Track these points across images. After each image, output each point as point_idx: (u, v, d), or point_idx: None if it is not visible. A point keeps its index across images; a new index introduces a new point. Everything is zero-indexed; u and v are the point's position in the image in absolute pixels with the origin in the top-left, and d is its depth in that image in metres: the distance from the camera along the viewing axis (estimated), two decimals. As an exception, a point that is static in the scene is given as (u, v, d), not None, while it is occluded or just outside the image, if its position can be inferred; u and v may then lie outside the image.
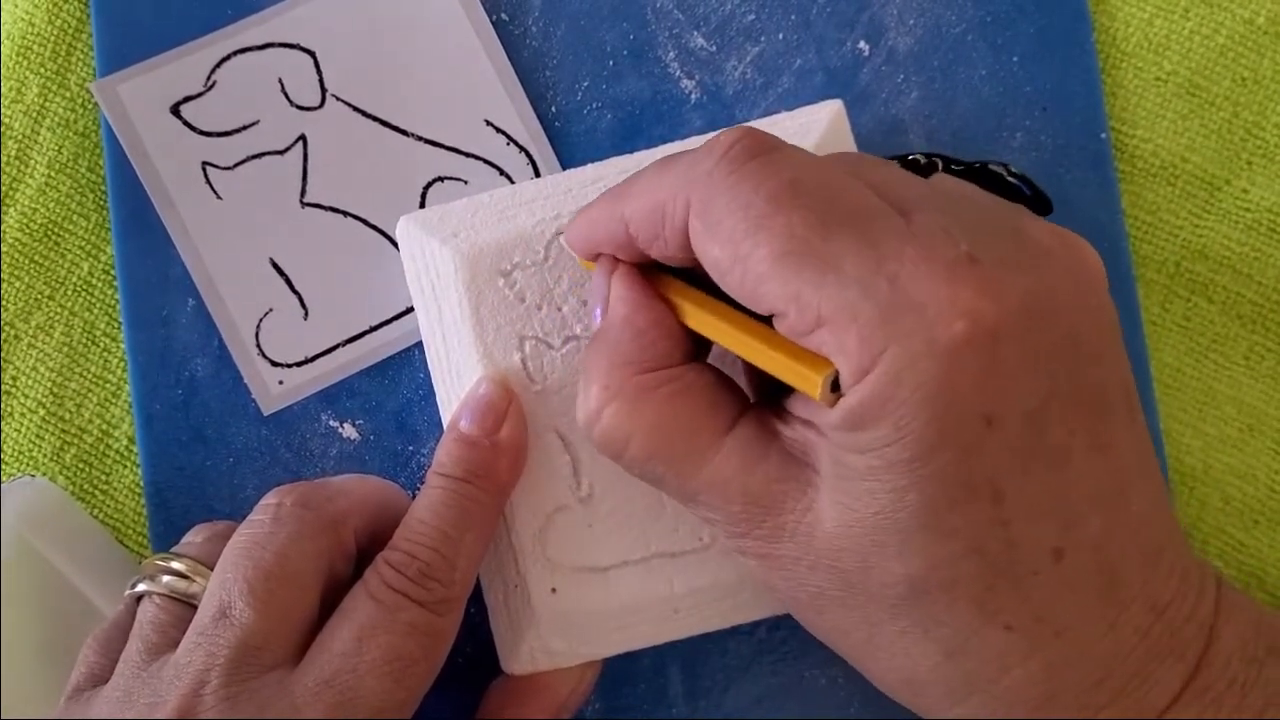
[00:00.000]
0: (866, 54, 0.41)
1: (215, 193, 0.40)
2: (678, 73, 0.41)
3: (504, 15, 0.41)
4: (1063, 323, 0.27)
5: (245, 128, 0.41)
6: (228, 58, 0.41)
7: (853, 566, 0.28)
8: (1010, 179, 0.38)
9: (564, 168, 0.40)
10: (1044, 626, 0.27)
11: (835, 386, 0.26)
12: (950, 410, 0.25)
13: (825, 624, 0.30)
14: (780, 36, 0.41)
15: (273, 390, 0.40)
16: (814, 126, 0.36)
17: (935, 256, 0.26)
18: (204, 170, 0.41)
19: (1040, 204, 0.38)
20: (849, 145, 0.36)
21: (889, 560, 0.27)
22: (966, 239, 0.26)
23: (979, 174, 0.38)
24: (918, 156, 0.39)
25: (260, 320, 0.40)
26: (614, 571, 0.35)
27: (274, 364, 0.40)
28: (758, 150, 0.28)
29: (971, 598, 0.27)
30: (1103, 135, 0.40)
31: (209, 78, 0.41)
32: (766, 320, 0.28)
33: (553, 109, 0.41)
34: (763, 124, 0.36)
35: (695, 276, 0.30)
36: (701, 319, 0.30)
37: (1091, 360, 0.27)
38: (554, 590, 0.35)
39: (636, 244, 0.31)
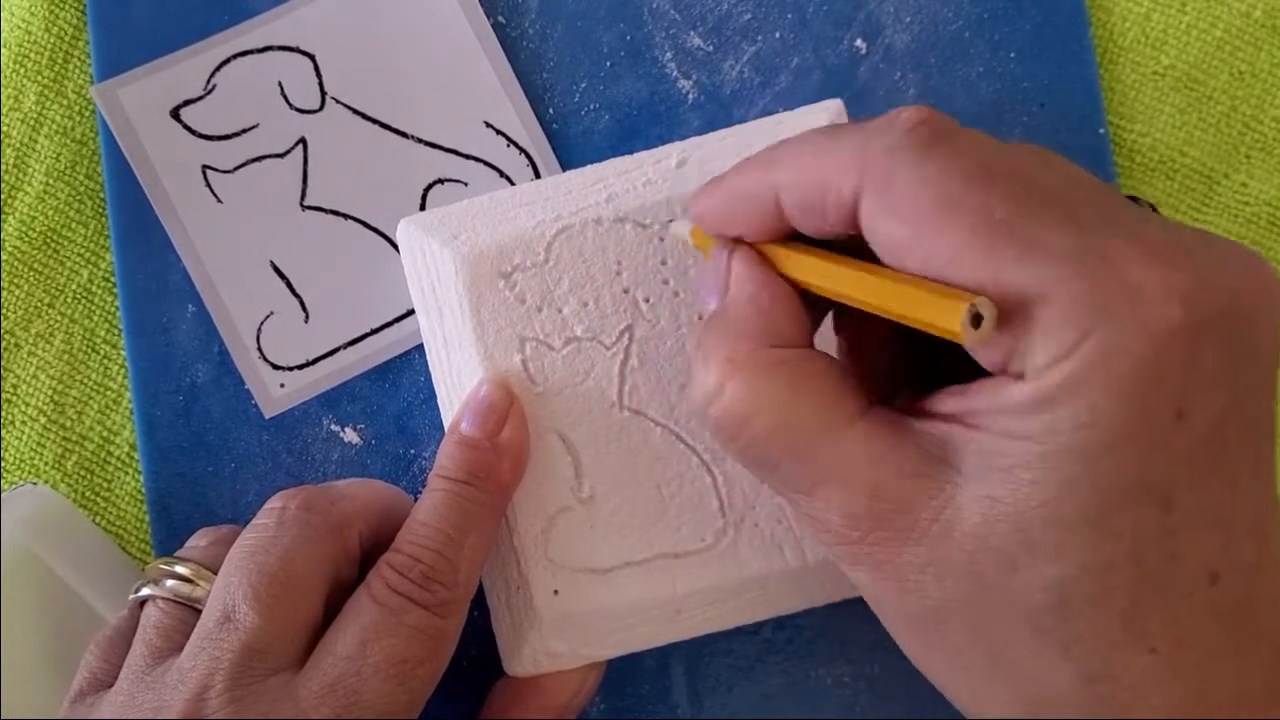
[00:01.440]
0: (864, 52, 0.41)
1: (215, 196, 0.40)
2: (675, 73, 0.41)
3: (500, 18, 0.41)
4: (1255, 335, 0.26)
5: (245, 131, 0.41)
6: (227, 61, 0.41)
7: (993, 570, 0.26)
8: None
9: (563, 169, 0.40)
10: (1187, 654, 0.25)
11: (976, 323, 0.24)
12: (1149, 399, 0.24)
13: (943, 644, 0.28)
14: (777, 35, 0.41)
15: (274, 393, 0.40)
16: (814, 126, 0.36)
17: (1147, 241, 0.25)
18: (204, 174, 0.41)
19: None
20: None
21: (1041, 561, 0.25)
22: (1179, 232, 0.26)
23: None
24: None
25: (261, 323, 0.40)
26: (616, 573, 0.35)
27: (275, 367, 0.40)
28: (944, 130, 0.27)
29: (1119, 612, 0.25)
30: (1101, 130, 0.40)
31: (209, 81, 0.41)
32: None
33: (550, 110, 0.41)
34: (763, 124, 0.36)
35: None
36: (826, 270, 0.29)
37: (1268, 381, 0.26)
38: (556, 592, 0.34)
39: (784, 215, 0.29)
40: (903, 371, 0.31)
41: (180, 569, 0.33)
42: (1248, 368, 0.25)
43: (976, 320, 0.25)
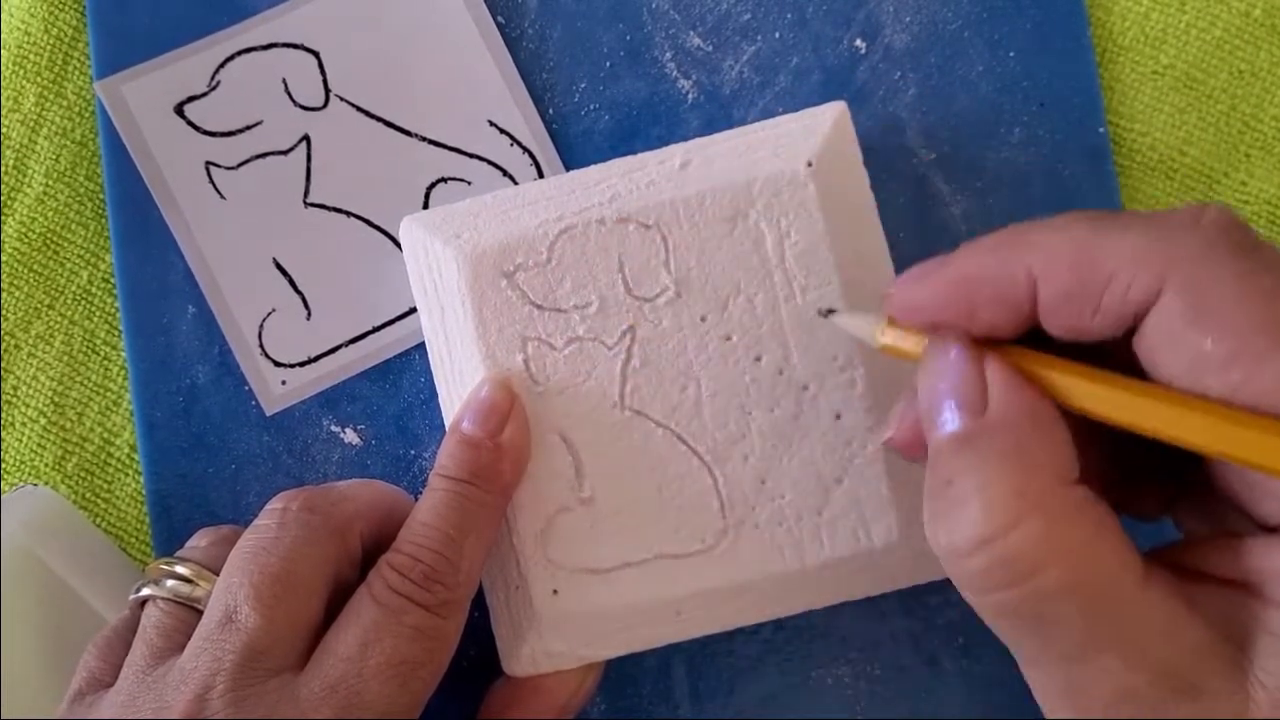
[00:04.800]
0: (863, 52, 0.41)
1: (219, 192, 0.40)
2: (675, 73, 0.41)
3: (500, 18, 0.41)
4: None
5: (249, 128, 0.41)
6: (232, 58, 0.41)
7: None
8: None
9: (565, 170, 0.40)
10: None
11: None
12: None
13: None
14: (777, 35, 0.41)
15: (275, 390, 0.40)
16: (817, 129, 0.36)
17: None
18: (207, 170, 0.41)
19: None
20: (853, 147, 0.36)
21: None
22: None
23: None
24: None
25: (263, 320, 0.40)
26: (616, 573, 0.35)
27: (277, 364, 0.40)
28: (1251, 232, 0.24)
29: None
30: (1101, 130, 0.40)
31: (213, 78, 0.41)
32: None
33: (550, 111, 0.41)
34: (766, 125, 0.36)
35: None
36: (1113, 398, 0.25)
37: None
38: (555, 592, 0.35)
39: (1032, 306, 0.26)
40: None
41: (181, 569, 0.33)
42: None
43: None
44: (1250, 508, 0.25)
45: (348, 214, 0.40)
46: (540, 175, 0.40)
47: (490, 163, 0.40)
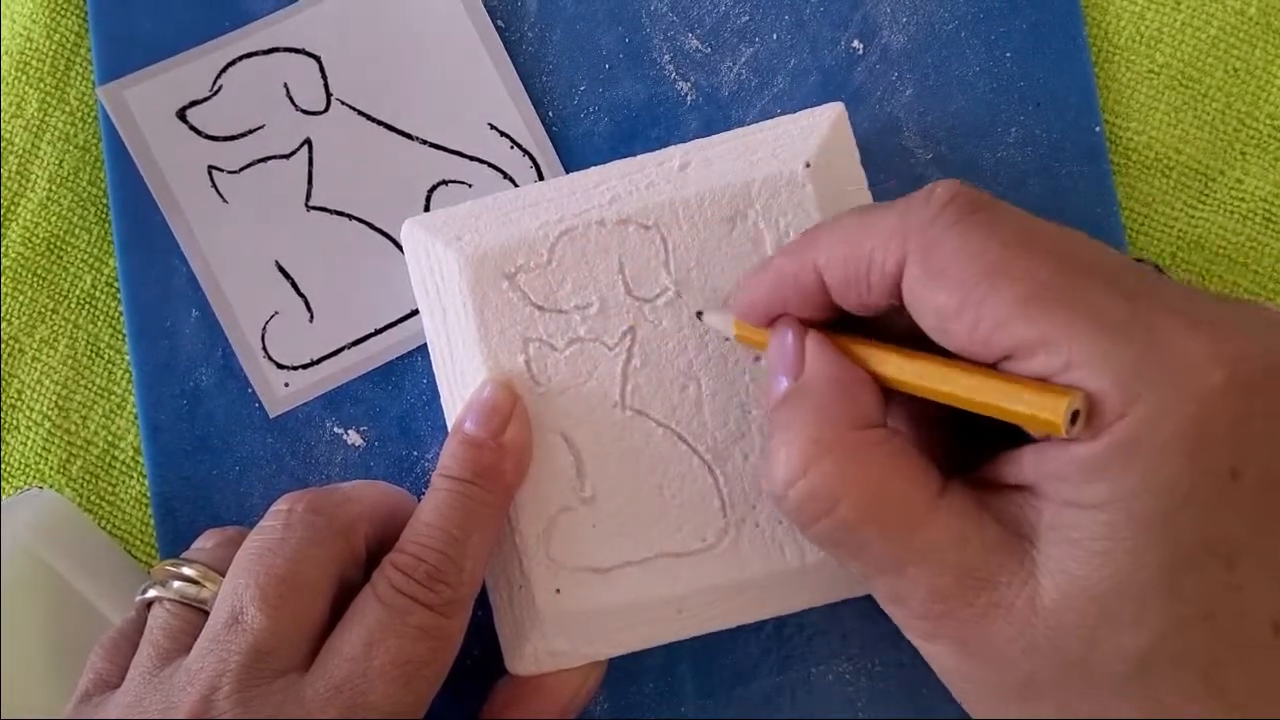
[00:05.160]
0: (860, 53, 0.41)
1: (221, 196, 0.41)
2: (673, 75, 0.41)
3: (500, 21, 0.41)
4: None
5: (251, 132, 0.41)
6: (234, 62, 0.41)
7: (1075, 644, 0.26)
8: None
9: (565, 172, 0.41)
10: (1264, 708, 0.26)
11: (1073, 421, 0.25)
12: (1201, 460, 0.25)
13: (1029, 717, 0.28)
14: (774, 37, 0.41)
15: (279, 393, 0.40)
16: (815, 130, 0.36)
17: (1190, 310, 0.26)
18: (210, 174, 0.41)
19: None
20: (851, 148, 0.36)
21: (1120, 633, 0.25)
22: (1213, 301, 0.27)
23: None
24: None
25: (266, 323, 0.40)
26: (617, 572, 0.35)
27: (280, 366, 0.40)
28: (981, 202, 0.28)
29: (1200, 672, 0.25)
30: (1097, 129, 0.40)
31: (215, 82, 0.41)
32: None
33: (550, 113, 0.41)
34: (763, 126, 0.36)
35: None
36: (908, 367, 0.29)
37: None
38: (558, 591, 0.35)
39: (827, 293, 0.30)
40: (945, 443, 0.32)
41: (187, 570, 0.33)
42: None
43: (1073, 419, 0.25)
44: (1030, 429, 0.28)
45: (349, 217, 0.41)
46: (540, 177, 0.41)
47: (491, 165, 0.41)
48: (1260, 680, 0.26)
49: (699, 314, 0.35)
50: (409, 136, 0.41)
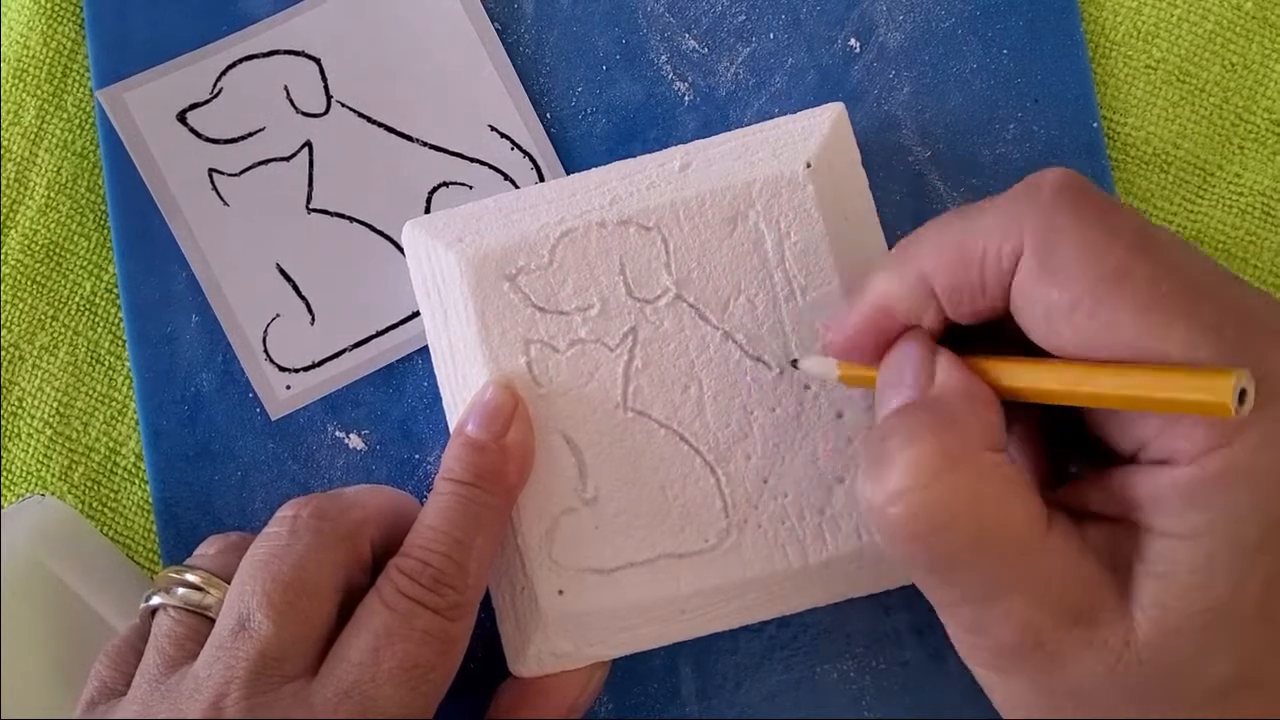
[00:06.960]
0: (857, 51, 0.41)
1: (222, 199, 0.41)
2: (670, 75, 0.41)
3: (497, 24, 0.41)
4: None
5: (251, 134, 0.41)
6: (234, 65, 0.41)
7: (1163, 679, 0.26)
8: None
9: (564, 173, 0.41)
10: None
11: (1241, 399, 0.24)
12: None
13: None
14: (771, 36, 0.41)
15: (280, 395, 0.40)
16: (816, 130, 0.36)
17: None
18: (210, 177, 0.41)
19: None
20: (851, 147, 0.37)
21: (1211, 663, 0.25)
22: None
23: None
24: None
25: (267, 326, 0.40)
26: (620, 573, 0.35)
27: (281, 369, 0.40)
28: (1093, 191, 0.27)
29: (1276, 694, 0.25)
30: (1094, 125, 0.40)
31: (215, 85, 0.41)
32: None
33: (548, 115, 0.41)
34: (764, 127, 0.37)
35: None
36: (1044, 374, 0.27)
37: None
38: (561, 592, 0.35)
39: (936, 307, 0.29)
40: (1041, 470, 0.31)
41: (191, 577, 0.33)
42: None
43: (1241, 397, 0.24)
44: (1113, 443, 0.28)
45: (350, 219, 0.41)
46: (541, 179, 0.41)
47: (491, 167, 0.41)
48: None
49: (793, 362, 0.35)
50: (409, 138, 0.41)
